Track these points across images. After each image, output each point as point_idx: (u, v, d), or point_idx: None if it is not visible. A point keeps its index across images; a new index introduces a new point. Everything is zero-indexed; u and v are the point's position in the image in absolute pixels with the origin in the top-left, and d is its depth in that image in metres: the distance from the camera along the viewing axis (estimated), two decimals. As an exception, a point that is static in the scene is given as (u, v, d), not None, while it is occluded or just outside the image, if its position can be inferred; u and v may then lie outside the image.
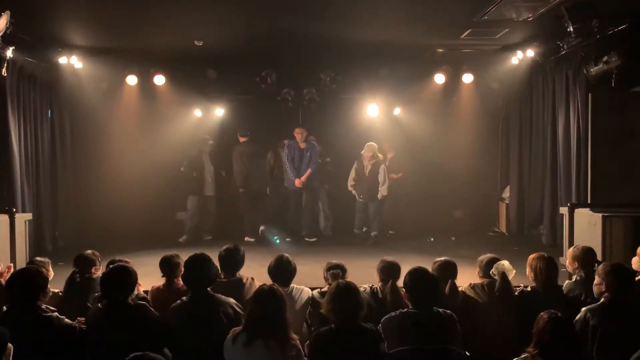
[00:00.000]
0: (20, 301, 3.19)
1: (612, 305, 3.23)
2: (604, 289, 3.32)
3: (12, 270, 4.53)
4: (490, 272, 3.77)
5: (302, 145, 8.22)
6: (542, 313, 2.82)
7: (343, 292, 3.07)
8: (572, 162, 6.86)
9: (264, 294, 3.04)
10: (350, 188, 8.29)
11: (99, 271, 4.24)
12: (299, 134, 8.21)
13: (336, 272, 3.94)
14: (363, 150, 8.07)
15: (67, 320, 3.24)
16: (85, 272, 4.18)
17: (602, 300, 3.31)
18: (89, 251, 4.36)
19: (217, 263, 3.76)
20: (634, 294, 3.40)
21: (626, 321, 3.16)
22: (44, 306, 3.23)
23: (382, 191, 8.04)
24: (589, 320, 3.17)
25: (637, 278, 3.98)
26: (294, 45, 7.34)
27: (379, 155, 8.22)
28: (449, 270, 3.91)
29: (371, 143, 8.12)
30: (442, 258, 4.05)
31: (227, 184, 8.58)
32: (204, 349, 3.16)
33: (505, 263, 3.78)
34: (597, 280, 3.41)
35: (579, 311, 3.31)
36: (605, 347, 3.06)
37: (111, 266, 3.64)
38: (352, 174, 8.27)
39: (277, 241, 7.82)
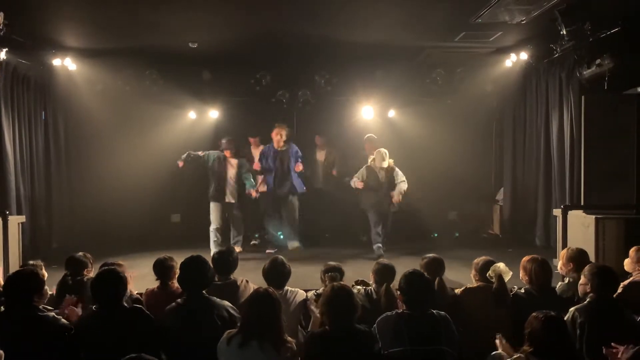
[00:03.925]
0: (17, 302, 3.19)
1: (597, 305, 3.32)
2: (589, 290, 3.42)
3: (1, 267, 4.54)
4: (487, 275, 3.80)
5: (281, 147, 7.34)
6: (534, 313, 2.86)
7: (337, 295, 3.08)
8: (566, 164, 6.90)
9: (260, 297, 3.06)
10: (356, 185, 7.21)
11: (90, 273, 4.24)
12: (276, 134, 7.29)
13: (334, 275, 3.96)
14: (373, 158, 7.24)
15: (63, 320, 3.24)
16: (77, 275, 4.18)
17: (587, 299, 3.38)
18: (80, 253, 4.36)
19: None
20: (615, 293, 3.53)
21: (611, 319, 3.26)
22: (41, 306, 3.24)
23: (403, 186, 7.16)
24: (576, 319, 3.23)
25: (630, 279, 4.02)
26: (288, 47, 7.34)
27: (390, 160, 7.26)
28: (436, 266, 3.98)
29: (381, 149, 7.25)
30: (430, 255, 4.10)
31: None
32: (199, 351, 3.17)
33: (501, 265, 3.81)
34: (582, 280, 3.50)
35: (570, 311, 3.35)
36: (593, 345, 3.12)
37: (99, 271, 3.62)
38: (361, 177, 7.22)
39: (281, 236, 7.79)
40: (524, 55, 7.31)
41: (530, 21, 6.02)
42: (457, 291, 3.92)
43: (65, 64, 7.26)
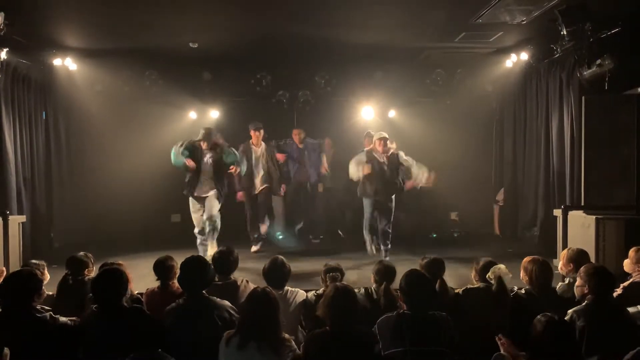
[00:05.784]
0: (15, 303, 3.19)
1: (596, 306, 3.30)
2: (586, 291, 3.40)
3: (4, 274, 4.53)
4: (487, 276, 3.80)
5: (300, 145, 8.24)
6: (538, 317, 2.82)
7: (340, 297, 3.07)
8: (566, 164, 6.90)
9: (257, 297, 3.05)
10: (356, 176, 6.58)
11: (92, 273, 4.24)
12: (296, 135, 8.21)
13: (335, 275, 3.95)
14: (375, 141, 6.59)
15: (62, 319, 3.25)
16: (77, 275, 4.17)
17: (586, 301, 3.37)
18: (81, 253, 4.35)
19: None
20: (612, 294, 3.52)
21: (609, 320, 3.25)
22: (39, 307, 3.24)
23: (422, 178, 6.61)
24: (575, 321, 3.22)
25: (630, 280, 4.02)
26: (289, 47, 7.35)
27: (392, 145, 6.84)
28: (436, 267, 3.97)
29: (382, 132, 6.71)
30: (430, 255, 4.10)
31: None
32: (199, 351, 3.16)
33: (502, 267, 3.80)
34: (579, 282, 3.47)
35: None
36: (593, 346, 3.12)
37: (100, 270, 3.62)
38: (360, 170, 6.53)
39: (280, 237, 7.77)
40: (524, 56, 7.32)
41: (531, 21, 6.03)
42: (458, 291, 3.92)
43: (66, 64, 7.27)
